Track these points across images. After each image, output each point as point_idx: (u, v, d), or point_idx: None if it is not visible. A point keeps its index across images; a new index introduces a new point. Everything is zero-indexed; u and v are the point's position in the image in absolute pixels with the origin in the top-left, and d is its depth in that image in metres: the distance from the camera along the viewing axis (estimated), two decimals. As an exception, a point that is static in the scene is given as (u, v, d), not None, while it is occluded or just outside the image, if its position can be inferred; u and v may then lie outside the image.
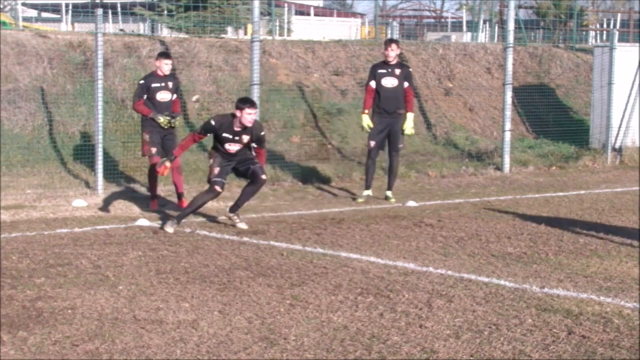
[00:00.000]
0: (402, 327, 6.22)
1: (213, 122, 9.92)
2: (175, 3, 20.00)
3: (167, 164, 10.12)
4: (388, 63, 12.38)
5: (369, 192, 12.53)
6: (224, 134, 9.85)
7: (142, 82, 11.67)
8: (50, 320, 6.34)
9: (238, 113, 9.75)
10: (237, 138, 9.88)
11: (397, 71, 12.32)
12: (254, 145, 10.07)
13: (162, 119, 11.46)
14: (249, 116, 9.71)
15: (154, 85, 11.57)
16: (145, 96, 11.55)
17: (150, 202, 11.79)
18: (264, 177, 10.13)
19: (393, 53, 12.31)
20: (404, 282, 7.51)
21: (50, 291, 7.15)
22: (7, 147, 13.83)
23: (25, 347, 5.75)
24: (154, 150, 11.50)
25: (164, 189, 12.74)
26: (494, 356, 5.63)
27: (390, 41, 12.57)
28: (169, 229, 9.80)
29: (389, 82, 12.26)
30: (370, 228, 10.18)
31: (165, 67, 11.65)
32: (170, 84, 11.72)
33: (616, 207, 11.83)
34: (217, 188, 9.90)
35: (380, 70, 12.36)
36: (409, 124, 12.41)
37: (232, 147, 9.92)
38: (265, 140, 10.32)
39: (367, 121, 12.31)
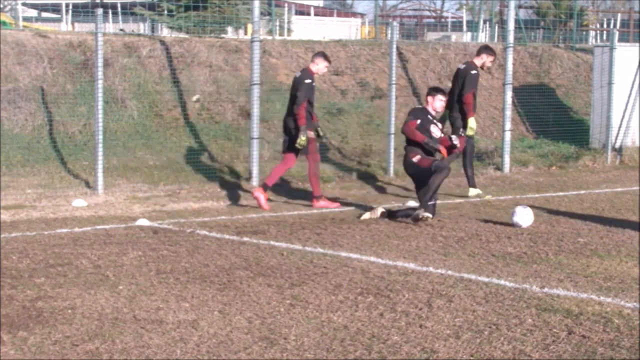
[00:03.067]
0: (402, 327, 6.22)
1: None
2: (175, 3, 19.99)
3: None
4: (481, 69, 12.98)
5: (478, 191, 12.96)
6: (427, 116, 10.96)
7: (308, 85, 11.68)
8: (50, 320, 6.34)
9: (430, 99, 10.98)
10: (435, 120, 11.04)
11: None
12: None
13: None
14: (440, 102, 10.95)
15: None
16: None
17: (317, 201, 11.83)
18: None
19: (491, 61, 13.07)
20: (404, 282, 7.51)
21: (50, 291, 7.15)
22: (7, 147, 13.83)
23: (25, 347, 5.75)
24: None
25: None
26: (494, 356, 5.63)
27: (492, 51, 13.14)
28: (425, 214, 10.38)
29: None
30: (370, 228, 10.18)
31: (325, 69, 11.87)
32: None
33: (616, 207, 11.84)
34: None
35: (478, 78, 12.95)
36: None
37: (436, 131, 10.88)
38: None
39: (475, 124, 12.76)
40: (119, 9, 28.05)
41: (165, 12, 20.39)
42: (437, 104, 10.90)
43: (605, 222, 10.57)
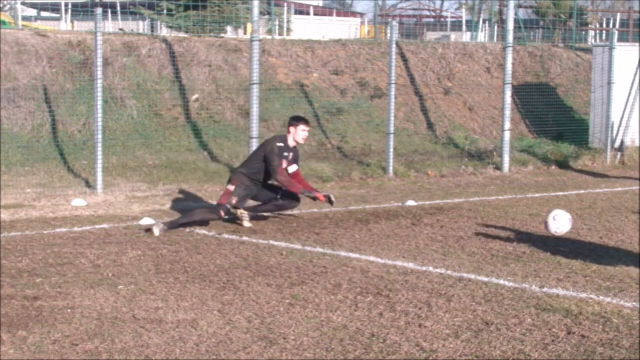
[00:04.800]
0: (402, 326, 6.22)
1: (280, 143, 10.14)
2: (174, 2, 20.00)
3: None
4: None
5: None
6: (284, 153, 10.18)
7: None
8: (49, 319, 6.34)
9: (292, 129, 10.18)
10: (288, 154, 10.23)
11: None
12: (294, 166, 10.38)
13: None
14: (302, 132, 10.20)
15: None
16: None
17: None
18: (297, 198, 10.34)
19: None
20: (404, 281, 7.51)
21: (50, 290, 7.14)
22: (6, 146, 13.83)
23: (24, 346, 5.75)
24: None
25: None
26: (493, 355, 5.63)
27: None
28: (156, 231, 9.63)
29: None
30: (369, 227, 10.18)
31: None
32: None
33: (616, 207, 11.84)
34: (222, 213, 10.03)
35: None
36: None
37: (290, 168, 10.26)
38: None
39: None
40: (119, 8, 28.06)
41: (165, 11, 20.40)
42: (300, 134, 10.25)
43: (604, 222, 10.58)
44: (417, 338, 5.95)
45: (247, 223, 10.21)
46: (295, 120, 10.34)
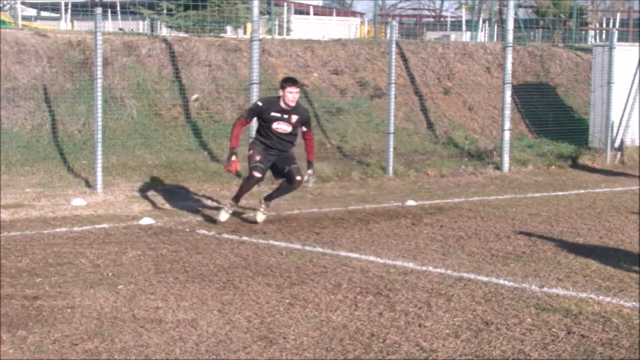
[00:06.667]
0: (402, 326, 6.22)
1: (260, 103, 10.28)
2: (174, 2, 20.00)
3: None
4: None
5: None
6: (272, 113, 10.10)
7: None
8: (49, 319, 6.34)
9: (281, 92, 10.10)
10: (285, 116, 10.15)
11: None
12: (303, 128, 10.31)
13: None
14: (290, 94, 10.03)
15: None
16: None
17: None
18: (298, 178, 10.32)
19: None
20: (403, 281, 7.51)
21: (50, 290, 7.15)
22: (6, 146, 13.83)
23: (24, 346, 5.75)
24: None
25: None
26: (493, 355, 5.63)
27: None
28: (223, 217, 10.20)
29: None
30: (369, 227, 10.18)
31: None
32: None
33: (615, 207, 11.84)
34: (256, 174, 10.14)
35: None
36: None
37: (281, 127, 10.15)
38: (311, 124, 10.61)
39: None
40: (119, 8, 28.06)
41: (165, 11, 20.39)
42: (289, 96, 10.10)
43: (604, 222, 10.58)
44: (417, 338, 5.96)
45: (260, 216, 10.33)
46: (284, 82, 10.26)
